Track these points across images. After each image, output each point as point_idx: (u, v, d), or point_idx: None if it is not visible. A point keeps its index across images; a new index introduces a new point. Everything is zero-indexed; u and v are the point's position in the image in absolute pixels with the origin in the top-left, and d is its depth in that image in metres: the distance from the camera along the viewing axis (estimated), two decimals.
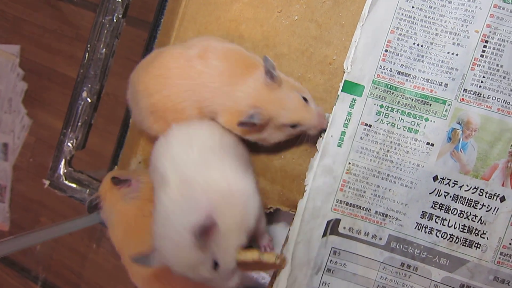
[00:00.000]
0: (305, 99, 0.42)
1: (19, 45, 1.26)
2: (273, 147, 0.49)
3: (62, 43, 1.24)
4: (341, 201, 0.44)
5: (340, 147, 0.44)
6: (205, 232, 0.34)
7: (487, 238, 0.42)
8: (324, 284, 0.45)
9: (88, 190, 0.61)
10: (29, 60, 1.27)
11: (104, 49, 0.60)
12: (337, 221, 0.44)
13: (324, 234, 0.45)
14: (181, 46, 0.46)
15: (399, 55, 0.43)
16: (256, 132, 0.43)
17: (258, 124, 0.41)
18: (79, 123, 0.63)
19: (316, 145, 0.45)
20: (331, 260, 0.45)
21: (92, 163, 1.01)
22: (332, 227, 0.45)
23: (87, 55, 0.61)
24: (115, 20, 0.58)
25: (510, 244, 0.41)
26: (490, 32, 0.41)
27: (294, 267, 0.44)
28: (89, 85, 0.61)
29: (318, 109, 0.43)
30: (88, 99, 0.62)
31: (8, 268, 1.24)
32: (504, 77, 0.41)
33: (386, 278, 0.44)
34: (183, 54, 0.43)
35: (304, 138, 0.45)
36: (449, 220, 0.42)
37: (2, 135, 1.30)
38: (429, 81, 0.43)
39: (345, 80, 0.43)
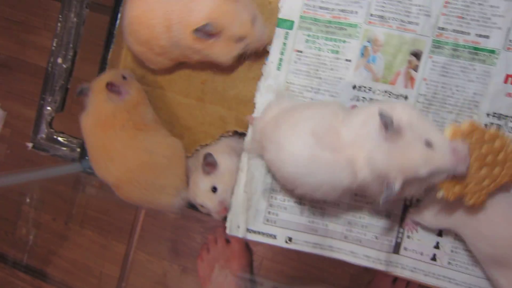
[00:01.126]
0: (254, 19, 0.51)
1: None
2: (227, 79, 0.59)
3: (31, 34, 1.27)
4: None
5: (279, 70, 0.55)
6: None
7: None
8: (276, 179, 0.56)
9: (66, 148, 0.70)
10: None
11: (75, 18, 0.68)
12: None
13: None
14: None
15: None
16: (209, 47, 0.52)
17: (211, 32, 0.49)
18: (57, 87, 0.71)
19: (261, 70, 0.55)
20: None
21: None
22: None
23: (59, 25, 0.69)
24: None
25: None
26: None
27: (251, 166, 0.55)
28: (64, 52, 0.69)
29: (264, 28, 0.53)
30: (64, 65, 0.70)
31: None
32: (399, 2, 0.53)
33: None
34: None
35: (246, 56, 0.55)
36: None
37: None
38: (344, 11, 0.54)
39: (278, 18, 0.54)
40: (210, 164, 0.55)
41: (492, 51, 0.51)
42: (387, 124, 0.39)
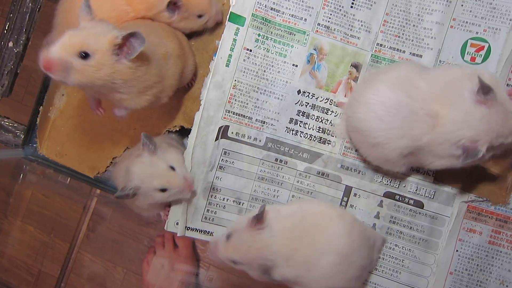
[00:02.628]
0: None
1: None
2: None
3: None
4: (229, 111, 0.56)
5: (228, 66, 0.55)
6: None
7: (336, 137, 0.56)
8: (217, 178, 0.56)
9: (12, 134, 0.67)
10: None
11: (30, 4, 0.66)
12: (227, 127, 0.56)
13: (217, 138, 0.56)
14: None
15: None
16: (178, 21, 0.54)
17: (179, 6, 0.52)
18: (6, 71, 0.68)
19: (209, 66, 0.56)
20: (222, 159, 0.56)
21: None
22: (223, 132, 0.56)
23: (12, 8, 0.66)
24: None
25: (351, 139, 0.55)
26: None
27: (193, 166, 0.55)
28: (16, 36, 0.67)
29: (220, 8, 0.57)
30: (15, 49, 0.68)
31: None
32: (344, 15, 0.55)
33: (264, 170, 0.56)
34: None
35: (205, 30, 0.58)
36: (309, 124, 0.56)
37: None
38: (293, 16, 0.56)
39: (230, 12, 0.55)
40: (150, 141, 0.51)
41: None
42: (486, 89, 0.41)
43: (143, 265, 0.98)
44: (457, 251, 0.53)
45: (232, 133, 0.56)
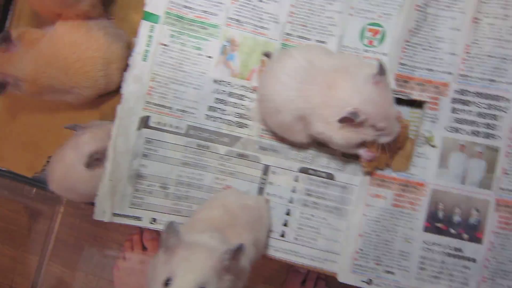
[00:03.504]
0: None
1: None
2: None
3: None
4: (149, 102, 0.59)
5: (145, 61, 0.59)
6: None
7: (251, 120, 0.61)
8: (142, 166, 0.59)
9: None
10: None
11: None
12: (148, 118, 0.59)
13: (139, 128, 0.59)
14: None
15: None
16: None
17: None
18: None
19: (128, 61, 0.59)
20: (146, 148, 0.59)
21: None
22: (145, 122, 0.59)
23: None
24: None
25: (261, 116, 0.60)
26: None
27: (117, 155, 0.58)
28: None
29: None
30: None
31: None
32: (253, 9, 0.61)
33: (187, 156, 0.60)
34: None
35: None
36: (227, 110, 0.60)
37: None
38: (205, 12, 0.60)
39: (144, 11, 0.59)
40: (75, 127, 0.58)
41: None
42: (383, 71, 0.48)
43: (113, 271, 0.98)
44: (365, 215, 0.59)
45: (154, 122, 0.59)
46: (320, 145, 0.59)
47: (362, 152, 0.55)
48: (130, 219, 0.59)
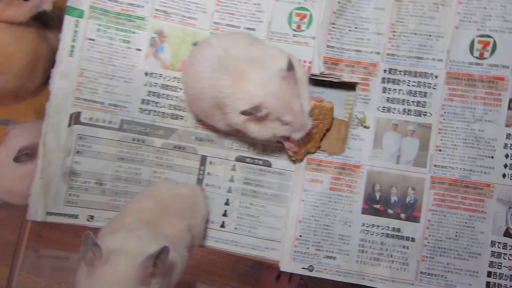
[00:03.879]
0: None
1: None
2: None
3: None
4: (79, 98, 0.59)
5: (72, 56, 0.58)
6: None
7: (183, 111, 0.60)
8: (75, 162, 0.58)
9: None
10: None
11: None
12: (79, 114, 0.59)
13: (70, 125, 0.58)
14: None
15: None
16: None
17: None
18: None
19: (55, 58, 0.58)
20: (78, 144, 0.59)
21: None
22: (76, 119, 0.59)
23: None
24: None
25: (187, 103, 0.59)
26: None
27: (47, 153, 0.57)
28: None
29: None
30: None
31: None
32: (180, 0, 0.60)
33: (123, 151, 0.59)
34: None
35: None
36: (161, 102, 0.60)
37: None
38: (131, 4, 0.60)
39: (67, 6, 0.58)
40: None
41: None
42: (290, 67, 0.47)
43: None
44: (303, 200, 0.58)
45: (85, 118, 0.59)
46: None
47: (286, 143, 0.54)
48: (65, 218, 0.58)
